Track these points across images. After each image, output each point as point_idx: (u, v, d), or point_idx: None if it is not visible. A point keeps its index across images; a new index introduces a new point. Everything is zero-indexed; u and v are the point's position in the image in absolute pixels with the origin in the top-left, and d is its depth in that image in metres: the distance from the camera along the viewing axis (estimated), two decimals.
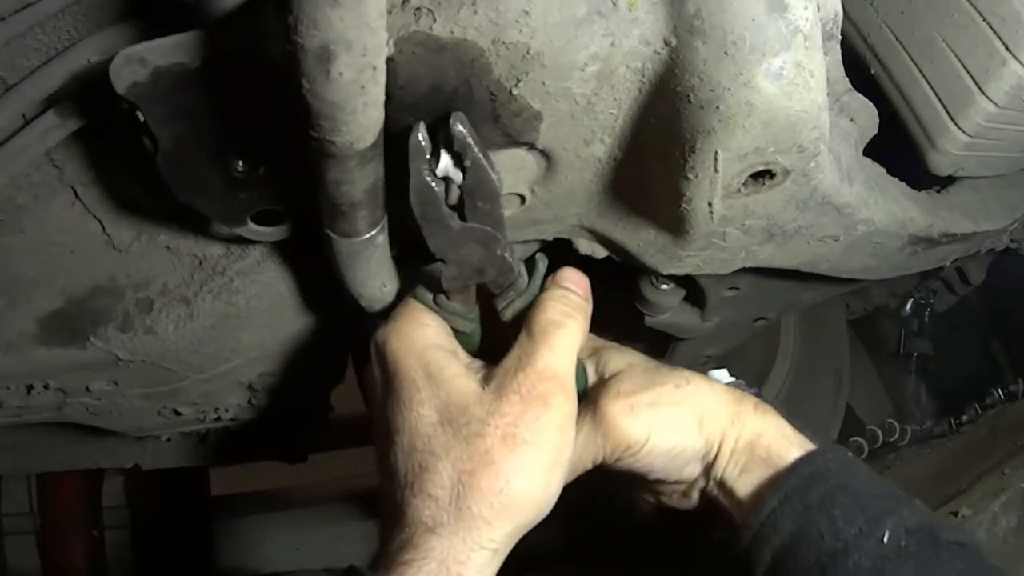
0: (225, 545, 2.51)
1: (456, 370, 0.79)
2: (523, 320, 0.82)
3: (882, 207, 0.98)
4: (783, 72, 0.68)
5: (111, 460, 1.58)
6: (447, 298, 0.82)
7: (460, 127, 0.68)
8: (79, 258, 0.95)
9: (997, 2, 0.90)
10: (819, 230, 0.94)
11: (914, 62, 1.00)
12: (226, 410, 1.25)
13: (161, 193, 0.80)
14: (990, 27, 0.91)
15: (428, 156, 0.71)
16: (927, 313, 1.97)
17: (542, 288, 0.84)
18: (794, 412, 1.64)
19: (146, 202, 0.91)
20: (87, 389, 1.08)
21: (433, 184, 0.71)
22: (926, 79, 0.99)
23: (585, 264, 0.92)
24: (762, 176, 0.78)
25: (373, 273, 0.82)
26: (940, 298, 1.94)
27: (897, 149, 1.02)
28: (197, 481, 2.45)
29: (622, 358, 0.88)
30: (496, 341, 0.85)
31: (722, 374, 1.50)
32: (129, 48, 0.62)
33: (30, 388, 1.05)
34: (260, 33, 0.61)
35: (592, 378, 0.88)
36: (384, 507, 0.79)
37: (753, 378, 1.75)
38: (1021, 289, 1.88)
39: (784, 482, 0.79)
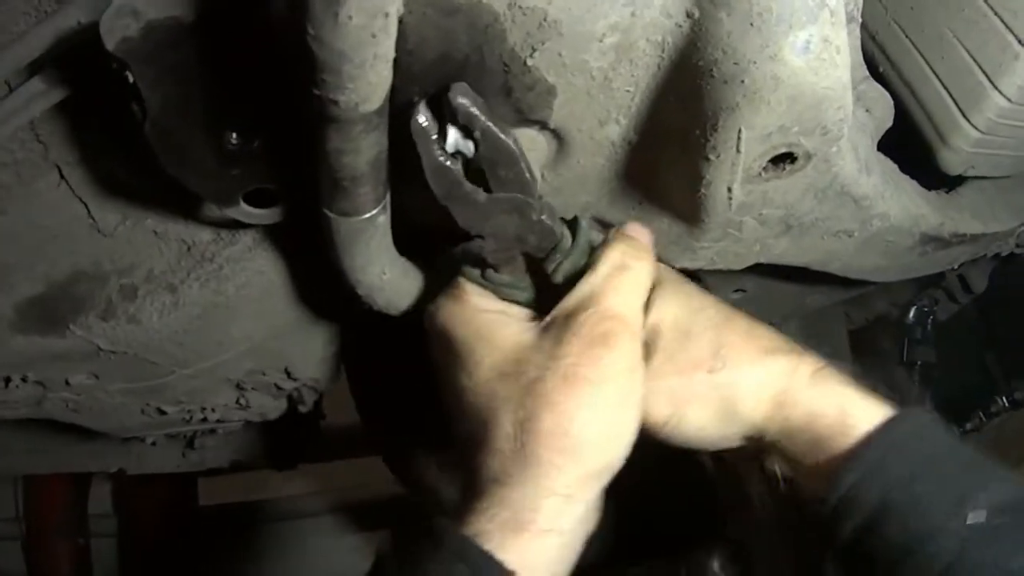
0: (213, 556, 2.47)
1: (511, 328, 0.77)
2: (577, 279, 0.78)
3: (897, 202, 0.96)
4: (810, 46, 0.65)
5: (96, 463, 1.55)
6: (496, 271, 0.79)
7: (461, 99, 0.64)
8: (62, 241, 0.91)
9: None
10: (835, 223, 0.92)
11: (924, 59, 0.98)
12: (213, 410, 1.21)
13: (150, 173, 0.76)
14: (1002, 21, 0.90)
15: (435, 136, 0.67)
16: (930, 321, 1.96)
17: (591, 245, 0.80)
18: None
19: (134, 183, 0.87)
20: (67, 383, 1.04)
21: (448, 163, 0.67)
22: (937, 76, 0.98)
23: None
24: (784, 160, 0.75)
25: (373, 258, 0.78)
26: (942, 306, 1.93)
27: (903, 151, 1.01)
28: (185, 490, 2.42)
29: (670, 304, 0.82)
30: (555, 303, 0.80)
31: None
32: None
33: (8, 380, 1.01)
34: None
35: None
36: (463, 474, 0.77)
37: None
38: (1015, 298, 1.87)
39: (863, 454, 0.73)
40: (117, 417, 1.15)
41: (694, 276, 1.13)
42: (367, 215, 0.72)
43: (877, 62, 1.02)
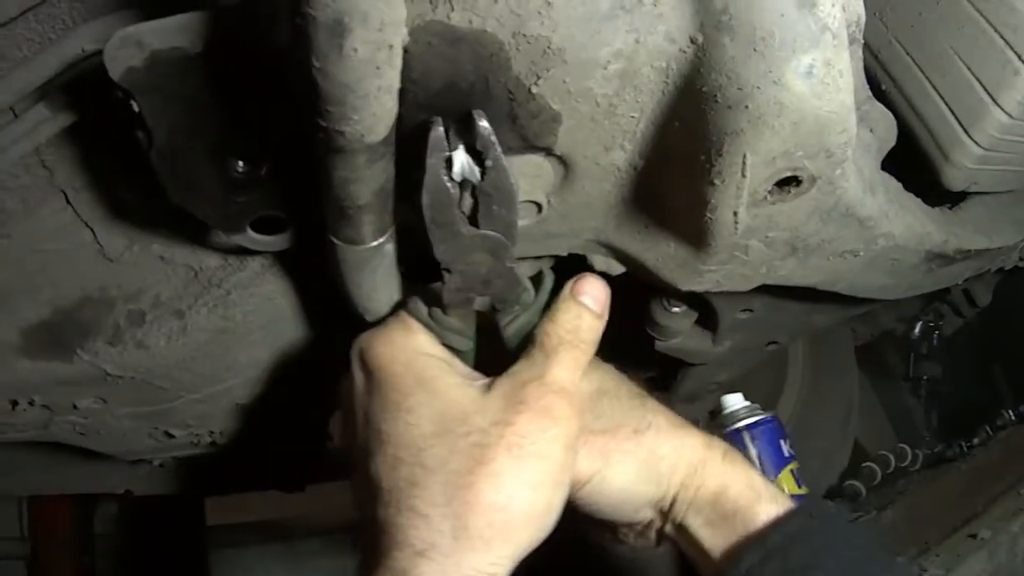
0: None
1: (452, 379, 0.74)
2: (528, 338, 0.78)
3: (901, 221, 0.96)
4: (813, 70, 0.65)
5: (102, 485, 1.54)
6: (444, 313, 0.77)
7: (484, 123, 0.64)
8: (68, 267, 0.91)
9: (1008, 13, 0.88)
10: (841, 244, 0.92)
11: (926, 76, 0.99)
12: (221, 433, 1.21)
13: (156, 199, 0.77)
14: (1002, 38, 0.90)
15: (446, 153, 0.66)
16: (935, 336, 1.95)
17: (549, 302, 0.79)
18: (803, 441, 1.63)
19: (140, 209, 0.88)
20: (74, 407, 1.04)
21: (448, 184, 0.67)
22: (938, 93, 0.98)
23: None
24: (788, 183, 0.75)
25: (379, 285, 0.79)
26: (948, 321, 1.93)
27: (906, 168, 1.01)
28: (192, 510, 2.41)
29: (592, 379, 0.82)
30: (494, 363, 0.80)
31: (736, 398, 1.49)
32: (126, 29, 0.59)
33: (14, 404, 1.00)
34: (268, 12, 0.58)
35: None
36: (365, 532, 0.73)
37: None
38: (1021, 311, 1.87)
39: (765, 539, 0.74)
40: (125, 441, 1.15)
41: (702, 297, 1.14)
42: (374, 244, 0.72)
43: (879, 80, 1.02)
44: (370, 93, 0.53)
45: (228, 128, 0.68)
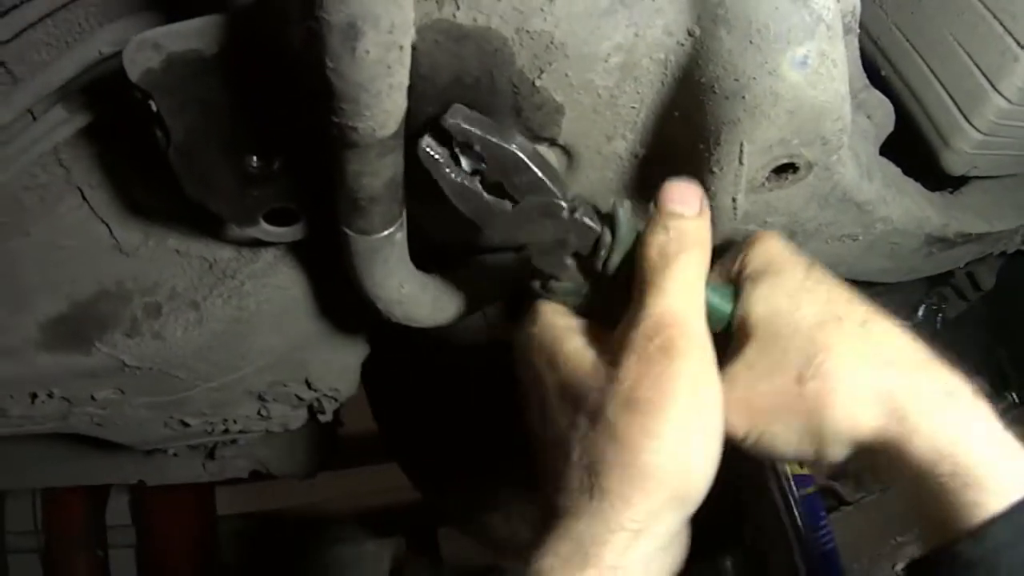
0: (231, 565, 2.48)
1: (573, 345, 0.71)
2: (630, 268, 0.72)
3: (900, 205, 0.97)
4: (807, 61, 0.68)
5: (116, 475, 1.56)
6: (556, 279, 0.76)
7: (451, 120, 0.65)
8: (85, 262, 0.93)
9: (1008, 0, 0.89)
10: (839, 228, 0.93)
11: (925, 62, 1.00)
12: (235, 421, 1.23)
13: (171, 194, 0.79)
14: (1001, 24, 0.91)
15: (444, 160, 0.68)
16: (939, 319, 1.96)
17: (636, 230, 0.73)
18: None
19: (155, 204, 0.89)
20: (92, 398, 1.06)
21: (465, 182, 0.68)
22: (938, 79, 0.99)
23: None
24: (785, 170, 0.77)
25: (391, 273, 0.81)
26: (951, 304, 1.93)
27: (906, 154, 1.02)
28: (203, 500, 2.42)
29: (762, 295, 0.71)
30: (618, 302, 0.76)
31: None
32: (144, 33, 0.61)
33: (34, 396, 1.02)
34: (281, 15, 0.60)
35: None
36: (540, 511, 0.72)
37: None
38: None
39: (1017, 512, 0.61)
40: (141, 430, 1.17)
41: None
42: (385, 233, 0.74)
43: (879, 66, 1.03)
44: (382, 91, 0.55)
45: (242, 125, 0.70)
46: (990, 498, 0.61)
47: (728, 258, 0.76)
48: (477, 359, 1.37)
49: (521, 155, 0.68)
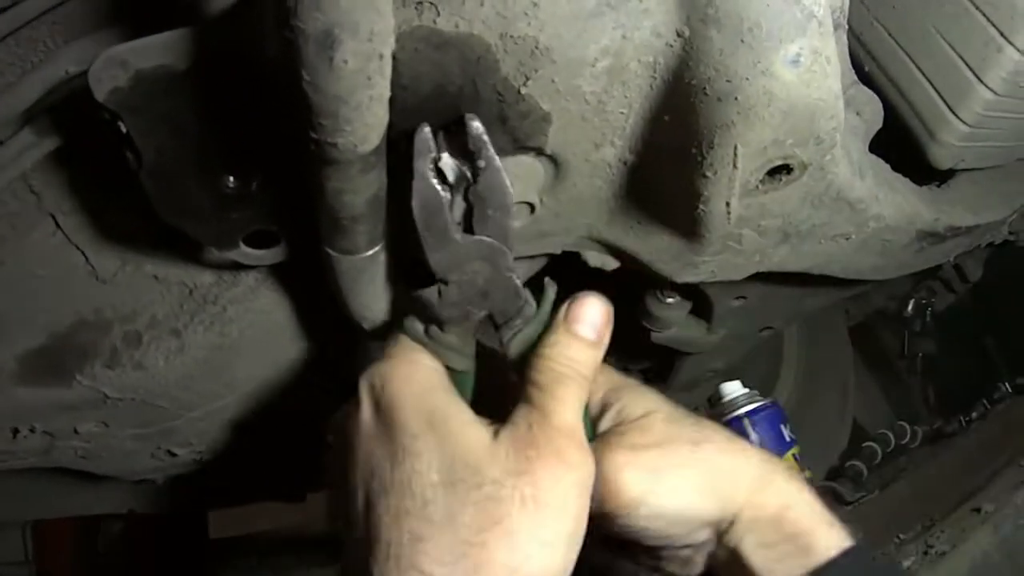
0: None
1: (463, 419, 0.68)
2: (529, 359, 0.72)
3: (891, 202, 0.97)
4: (800, 58, 0.66)
5: (105, 506, 1.53)
6: (441, 330, 0.72)
7: (476, 123, 0.64)
8: (61, 291, 0.91)
9: None
10: (832, 228, 0.92)
11: (909, 57, 0.99)
12: (222, 449, 1.20)
13: (146, 218, 0.76)
14: (983, 15, 0.90)
15: (434, 155, 0.65)
16: (928, 313, 1.96)
17: (550, 321, 0.73)
18: (802, 424, 1.64)
19: (131, 229, 0.87)
20: (75, 431, 1.03)
21: (439, 189, 0.66)
22: (923, 73, 0.99)
23: (592, 279, 0.88)
24: (780, 171, 0.76)
25: (377, 294, 0.79)
26: (940, 297, 1.94)
27: (893, 149, 1.01)
28: (195, 525, 2.40)
29: (641, 403, 0.77)
30: (495, 385, 0.76)
31: (735, 385, 1.49)
32: (110, 49, 0.58)
33: (15, 431, 1.00)
34: (254, 27, 0.57)
35: (607, 423, 0.77)
36: None
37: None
38: (1014, 285, 1.88)
39: (838, 564, 0.71)
40: (127, 462, 1.15)
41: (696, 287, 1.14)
42: (368, 253, 0.72)
43: (862, 62, 1.03)
44: (362, 104, 0.52)
45: (216, 145, 0.68)
46: (811, 549, 0.72)
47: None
48: None
49: (511, 194, 0.67)
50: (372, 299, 0.78)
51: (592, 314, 0.73)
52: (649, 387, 0.81)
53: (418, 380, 0.70)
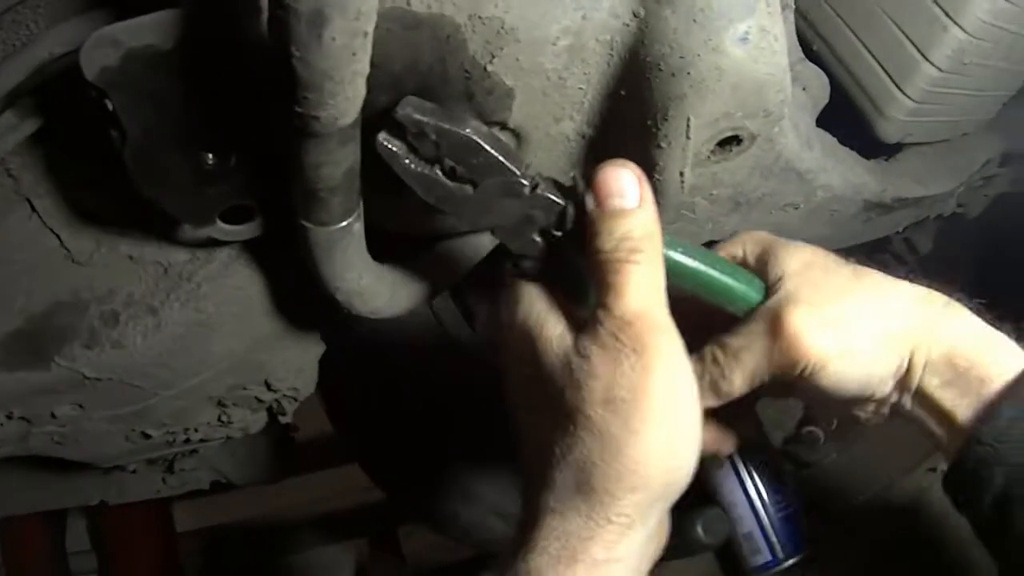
0: None
1: (550, 332, 0.68)
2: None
3: (839, 173, 1.01)
4: (749, 36, 0.70)
5: (76, 498, 1.52)
6: (528, 259, 0.73)
7: (403, 112, 0.65)
8: (38, 274, 0.91)
9: None
10: (782, 197, 0.97)
11: (856, 35, 1.04)
12: (196, 430, 1.22)
13: (122, 198, 0.78)
14: None
15: (401, 152, 0.67)
16: None
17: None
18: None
19: (106, 210, 0.89)
20: (52, 415, 1.04)
21: (425, 171, 0.68)
22: (869, 51, 1.04)
23: None
24: (730, 142, 0.80)
25: (350, 264, 0.81)
26: (890, 270, 1.99)
27: (841, 125, 1.06)
28: (163, 519, 2.38)
29: (796, 255, 0.77)
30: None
31: None
32: (103, 29, 0.61)
33: None
34: (242, 5, 0.60)
35: (772, 281, 0.77)
36: (522, 507, 0.71)
37: None
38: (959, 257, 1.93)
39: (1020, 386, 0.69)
40: (101, 446, 1.15)
41: None
42: (343, 224, 0.75)
43: (810, 41, 1.07)
44: (345, 78, 0.56)
45: (197, 122, 0.70)
46: (991, 374, 0.71)
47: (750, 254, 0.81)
48: (427, 350, 1.39)
49: (476, 137, 0.67)
50: (345, 269, 0.81)
51: (619, 181, 0.68)
52: (794, 241, 0.80)
53: (518, 312, 0.71)
